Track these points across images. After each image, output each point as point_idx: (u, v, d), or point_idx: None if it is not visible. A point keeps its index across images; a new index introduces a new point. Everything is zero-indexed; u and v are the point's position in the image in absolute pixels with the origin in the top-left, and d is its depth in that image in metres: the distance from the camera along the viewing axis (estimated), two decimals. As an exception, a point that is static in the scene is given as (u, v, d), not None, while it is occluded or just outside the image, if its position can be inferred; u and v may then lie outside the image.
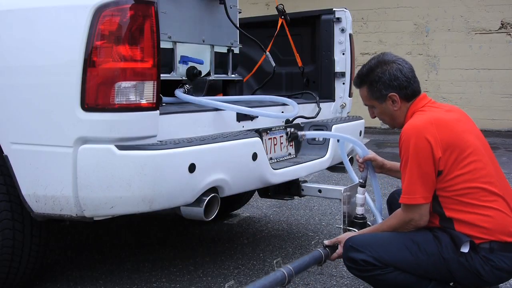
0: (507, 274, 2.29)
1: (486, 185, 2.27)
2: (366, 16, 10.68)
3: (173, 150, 2.31)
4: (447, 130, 2.28)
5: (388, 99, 2.43)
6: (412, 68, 2.47)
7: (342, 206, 2.87)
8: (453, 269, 2.26)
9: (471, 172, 2.26)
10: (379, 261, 2.29)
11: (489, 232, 2.23)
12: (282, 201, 4.48)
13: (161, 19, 2.56)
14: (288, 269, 2.35)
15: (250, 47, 3.76)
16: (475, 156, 2.28)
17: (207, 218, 2.49)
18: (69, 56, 2.26)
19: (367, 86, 2.48)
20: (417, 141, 2.25)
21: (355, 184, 2.94)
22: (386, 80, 2.41)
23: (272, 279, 2.29)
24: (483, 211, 2.25)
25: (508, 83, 9.80)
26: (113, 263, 3.38)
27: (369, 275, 2.34)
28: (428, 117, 2.32)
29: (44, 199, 2.37)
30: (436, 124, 2.27)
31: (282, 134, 3.19)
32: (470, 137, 2.34)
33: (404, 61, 2.45)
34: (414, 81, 2.43)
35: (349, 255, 2.36)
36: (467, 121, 2.46)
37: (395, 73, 2.40)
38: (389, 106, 2.45)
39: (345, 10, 3.76)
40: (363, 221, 2.84)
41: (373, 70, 2.45)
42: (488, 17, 9.89)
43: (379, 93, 2.44)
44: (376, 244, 2.33)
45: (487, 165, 2.32)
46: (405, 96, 2.42)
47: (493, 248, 2.22)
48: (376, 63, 2.46)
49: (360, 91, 2.55)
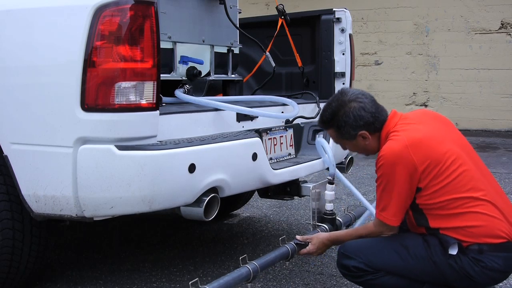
0: (500, 274, 2.27)
1: (469, 193, 2.26)
2: (366, 16, 10.67)
3: (173, 150, 2.31)
4: (423, 148, 2.27)
5: (358, 136, 2.43)
6: (373, 99, 2.44)
7: (311, 203, 2.93)
8: (445, 272, 2.27)
9: (452, 183, 2.26)
10: (369, 266, 2.34)
11: (476, 237, 2.23)
12: (282, 201, 4.48)
13: (161, 19, 2.56)
14: (253, 265, 2.37)
15: (250, 47, 3.76)
16: (455, 165, 2.27)
17: (207, 218, 2.49)
18: (69, 56, 2.26)
19: (334, 129, 2.47)
20: (394, 167, 2.25)
21: (324, 181, 2.99)
22: (352, 122, 2.38)
23: (237, 275, 2.31)
24: (468, 217, 2.24)
25: (508, 83, 9.79)
26: (113, 263, 3.38)
27: (361, 281, 2.40)
28: (402, 139, 2.29)
29: (44, 199, 2.37)
30: (411, 145, 2.26)
31: (282, 134, 3.19)
32: (448, 146, 2.31)
33: (363, 95, 2.42)
34: (378, 112, 2.41)
35: (342, 262, 2.43)
36: (442, 127, 2.43)
37: (358, 113, 2.37)
38: (360, 142, 2.45)
39: (345, 10, 3.76)
40: (333, 217, 2.91)
41: (336, 114, 2.42)
42: (488, 17, 9.88)
43: (348, 134, 2.43)
44: (367, 250, 2.38)
45: (470, 171, 2.30)
46: (374, 129, 2.41)
47: (483, 249, 2.22)
48: (337, 106, 2.42)
49: (328, 132, 2.56)
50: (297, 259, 3.40)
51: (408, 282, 2.34)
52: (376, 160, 2.34)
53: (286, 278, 3.16)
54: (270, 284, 3.07)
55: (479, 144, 8.37)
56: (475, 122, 9.91)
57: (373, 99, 2.44)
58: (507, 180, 5.93)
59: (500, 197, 2.35)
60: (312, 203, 2.93)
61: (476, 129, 9.86)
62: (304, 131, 3.43)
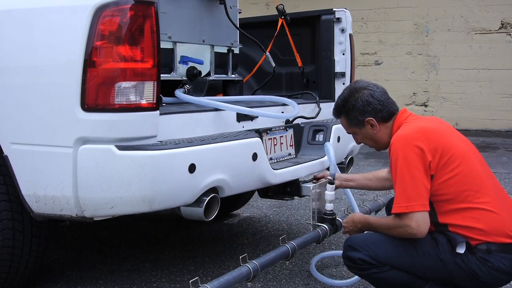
0: (505, 276, 2.28)
1: (478, 187, 2.29)
2: (366, 16, 10.67)
3: (173, 151, 2.31)
4: (434, 137, 2.33)
5: (366, 124, 2.53)
6: (385, 91, 2.57)
7: (312, 203, 2.94)
8: (451, 271, 2.27)
9: (461, 175, 2.28)
10: (375, 260, 2.35)
11: (485, 234, 2.24)
12: (282, 201, 4.48)
13: (161, 19, 2.56)
14: (253, 264, 2.38)
15: (250, 47, 3.76)
16: (464, 159, 2.31)
17: (207, 218, 2.49)
18: (69, 57, 2.26)
19: (345, 116, 2.60)
20: (407, 150, 2.29)
21: (324, 181, 3.00)
22: (360, 107, 2.52)
23: (237, 274, 2.32)
24: (477, 213, 2.26)
25: (508, 83, 9.79)
26: (113, 263, 3.38)
27: (366, 274, 2.42)
28: (414, 126, 2.39)
29: (44, 199, 2.37)
30: (422, 132, 2.33)
31: (282, 134, 3.19)
32: (456, 141, 2.39)
33: (375, 85, 2.56)
34: (387, 102, 2.52)
35: (348, 254, 2.44)
36: (449, 128, 2.51)
37: (367, 98, 2.51)
38: (368, 130, 2.54)
39: (345, 10, 3.76)
40: (333, 217, 2.91)
41: (347, 100, 2.56)
42: (488, 17, 9.89)
43: (356, 120, 2.54)
44: (373, 243, 2.39)
45: (476, 168, 2.34)
46: (382, 118, 2.51)
47: (491, 249, 2.23)
48: (348, 93, 2.58)
49: (341, 121, 2.67)
50: (297, 259, 3.40)
51: (412, 278, 2.35)
52: (389, 146, 2.39)
53: (286, 278, 3.16)
54: (270, 284, 3.07)
55: (479, 144, 8.37)
56: (475, 122, 9.91)
57: (384, 91, 2.57)
58: (507, 180, 5.93)
59: (504, 198, 2.38)
60: (312, 203, 2.93)
61: (476, 129, 9.86)
62: (304, 131, 3.43)
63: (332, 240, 3.72)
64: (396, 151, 2.32)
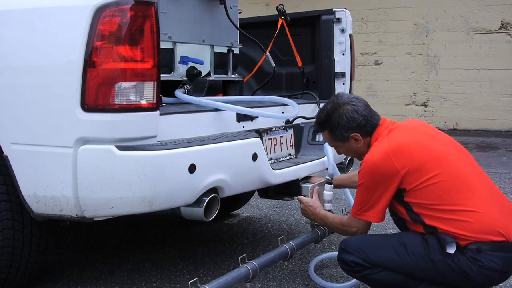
0: (498, 275, 2.28)
1: (462, 188, 2.31)
2: (366, 16, 10.68)
3: (173, 151, 2.31)
4: (405, 153, 2.36)
5: (350, 139, 2.54)
6: (367, 103, 2.57)
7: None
8: (442, 271, 2.28)
9: (440, 182, 2.31)
10: (367, 262, 2.40)
11: (473, 233, 2.25)
12: (282, 201, 4.48)
13: (161, 20, 2.56)
14: (252, 265, 2.39)
15: (250, 47, 3.76)
16: (442, 165, 2.34)
17: (207, 219, 2.49)
18: (69, 57, 2.26)
19: (329, 131, 2.60)
20: (374, 176, 2.37)
21: (322, 181, 3.01)
22: (345, 123, 2.51)
23: (236, 274, 2.33)
24: (461, 216, 2.27)
25: (508, 83, 9.80)
26: (113, 263, 3.38)
27: (360, 275, 2.47)
28: (384, 147, 2.40)
29: (44, 199, 2.37)
30: (392, 152, 2.36)
31: (282, 134, 3.19)
32: (434, 146, 2.41)
33: (357, 99, 2.55)
34: (371, 116, 2.53)
35: (341, 256, 2.49)
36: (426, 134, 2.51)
37: (351, 115, 2.50)
38: (352, 144, 2.56)
39: (345, 10, 3.76)
40: None
41: (330, 116, 2.54)
42: (488, 17, 9.89)
43: (341, 136, 2.56)
44: (366, 246, 2.44)
45: (459, 169, 2.36)
46: (366, 132, 2.53)
47: (481, 248, 2.23)
48: (332, 108, 2.55)
49: (323, 135, 2.67)
50: (297, 259, 3.40)
51: (405, 279, 2.37)
52: (360, 164, 2.46)
53: (286, 278, 3.16)
54: (270, 284, 3.07)
55: (479, 144, 8.38)
56: (475, 122, 9.91)
57: (366, 104, 2.56)
58: (507, 180, 5.93)
59: (496, 196, 2.38)
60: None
61: (476, 129, 9.86)
62: (304, 131, 3.43)
63: (332, 240, 3.72)
64: (365, 174, 2.40)
